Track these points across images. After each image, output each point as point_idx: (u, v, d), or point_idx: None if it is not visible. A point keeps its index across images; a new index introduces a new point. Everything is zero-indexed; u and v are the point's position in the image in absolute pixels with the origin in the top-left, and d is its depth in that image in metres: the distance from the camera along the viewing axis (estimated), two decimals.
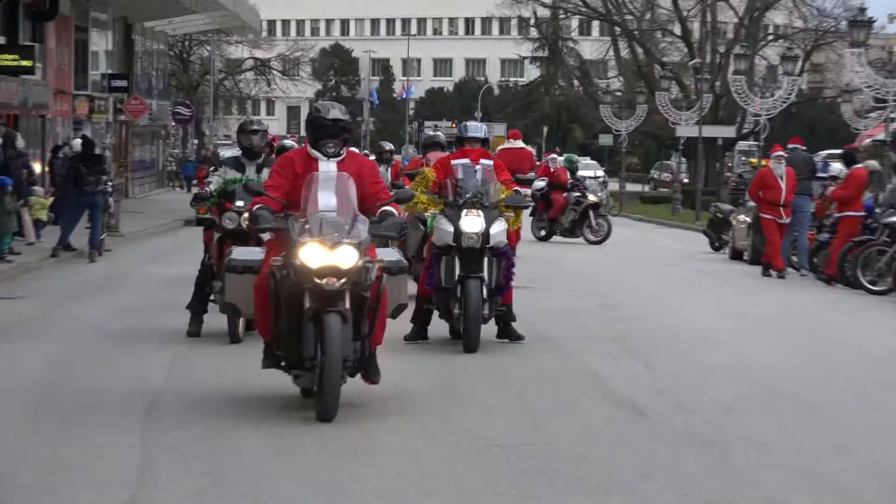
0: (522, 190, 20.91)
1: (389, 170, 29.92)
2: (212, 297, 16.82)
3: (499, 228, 16.63)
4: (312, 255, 11.55)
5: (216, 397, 13.66)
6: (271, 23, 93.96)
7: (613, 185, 67.29)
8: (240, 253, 13.64)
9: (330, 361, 11.38)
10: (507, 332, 17.08)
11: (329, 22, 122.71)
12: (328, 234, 11.63)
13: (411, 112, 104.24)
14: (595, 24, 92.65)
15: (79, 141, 33.47)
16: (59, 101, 45.86)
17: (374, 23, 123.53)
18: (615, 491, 10.03)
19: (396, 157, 34.90)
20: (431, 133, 29.50)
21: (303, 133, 24.08)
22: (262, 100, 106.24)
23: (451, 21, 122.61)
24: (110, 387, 13.93)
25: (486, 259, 16.50)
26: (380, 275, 11.94)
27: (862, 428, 12.84)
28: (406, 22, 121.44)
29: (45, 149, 41.34)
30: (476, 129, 17.72)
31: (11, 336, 18.24)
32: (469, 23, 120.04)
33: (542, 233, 39.85)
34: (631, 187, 70.75)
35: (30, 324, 19.50)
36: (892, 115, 45.98)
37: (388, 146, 32.68)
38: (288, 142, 25.96)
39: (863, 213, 27.74)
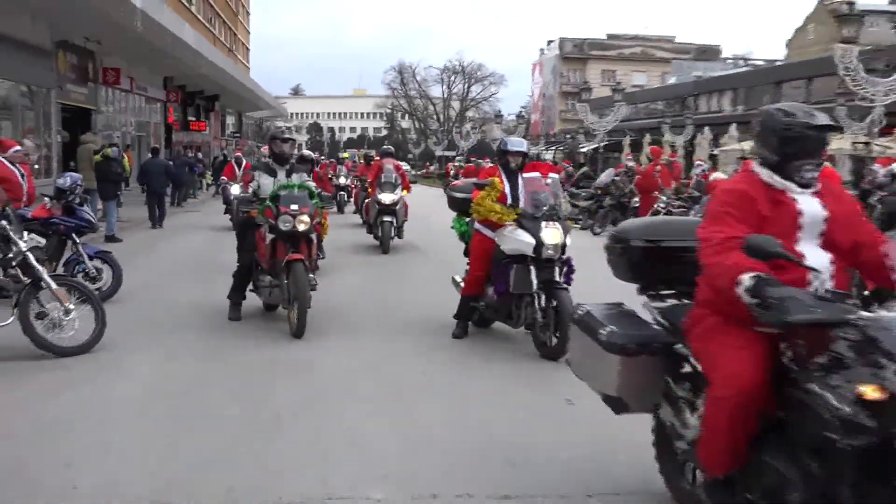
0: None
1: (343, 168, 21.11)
2: (250, 289, 7.03)
3: (570, 241, 6.30)
4: None
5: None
6: (293, 113, 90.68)
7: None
8: (615, 322, 2.63)
9: None
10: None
11: (313, 113, 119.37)
12: None
13: (342, 146, 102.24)
14: (407, 115, 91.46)
15: (224, 154, 32.77)
16: (215, 140, 44.57)
17: (330, 114, 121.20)
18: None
19: (348, 161, 25.14)
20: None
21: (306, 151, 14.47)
22: None
23: (355, 114, 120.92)
24: None
25: (556, 268, 6.15)
26: None
27: None
28: (342, 114, 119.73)
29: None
30: (517, 143, 6.61)
31: (195, 225, 17.39)
32: (364, 114, 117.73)
33: None
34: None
35: (202, 221, 18.33)
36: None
37: (369, 152, 21.51)
38: (306, 151, 14.46)
39: None
